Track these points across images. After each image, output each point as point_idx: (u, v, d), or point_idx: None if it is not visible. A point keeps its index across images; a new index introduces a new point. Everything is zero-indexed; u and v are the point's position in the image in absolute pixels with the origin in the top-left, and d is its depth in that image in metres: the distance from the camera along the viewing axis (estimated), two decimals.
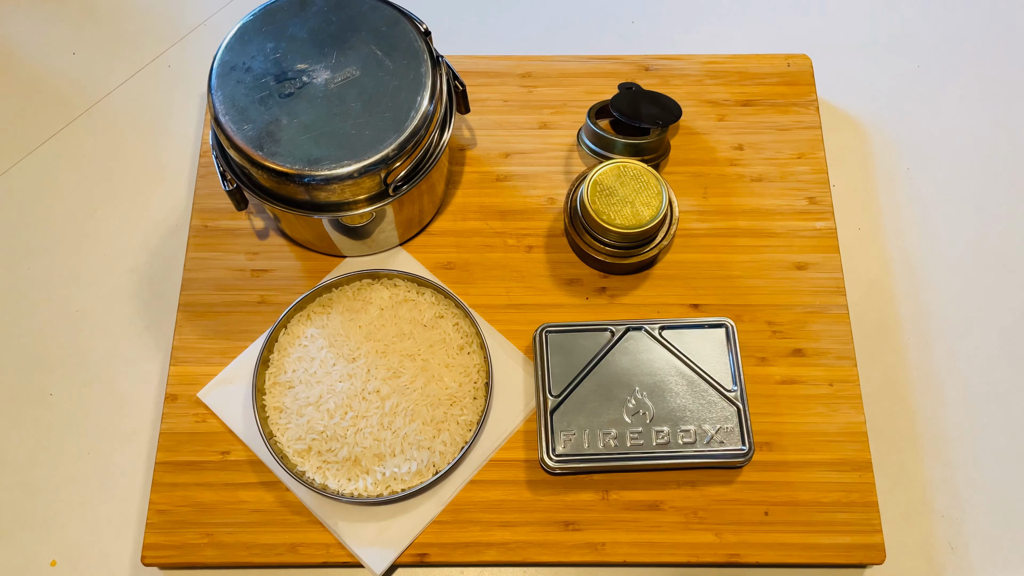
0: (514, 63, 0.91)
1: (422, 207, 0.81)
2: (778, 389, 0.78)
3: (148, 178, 0.90)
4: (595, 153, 0.84)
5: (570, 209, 0.81)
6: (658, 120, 0.83)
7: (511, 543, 0.74)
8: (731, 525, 0.74)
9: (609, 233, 0.76)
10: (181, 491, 0.75)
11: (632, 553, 0.73)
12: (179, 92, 0.94)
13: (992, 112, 0.93)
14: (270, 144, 0.69)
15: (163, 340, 0.83)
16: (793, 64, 0.91)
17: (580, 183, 0.80)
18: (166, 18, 0.98)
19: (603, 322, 0.78)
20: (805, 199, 0.85)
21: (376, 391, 0.73)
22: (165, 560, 0.73)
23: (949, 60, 0.96)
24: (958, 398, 0.81)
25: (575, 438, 0.74)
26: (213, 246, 0.84)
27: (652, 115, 0.83)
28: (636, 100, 0.84)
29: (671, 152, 0.87)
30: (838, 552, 0.73)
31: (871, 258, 0.87)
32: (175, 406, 0.78)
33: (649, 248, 0.79)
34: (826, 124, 0.91)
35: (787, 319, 0.81)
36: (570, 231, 0.80)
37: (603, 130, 0.83)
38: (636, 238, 0.77)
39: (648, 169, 0.77)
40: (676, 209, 0.80)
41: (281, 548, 0.73)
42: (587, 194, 0.77)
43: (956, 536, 0.77)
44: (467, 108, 0.79)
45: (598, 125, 0.84)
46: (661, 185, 0.77)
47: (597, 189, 0.77)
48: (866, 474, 0.75)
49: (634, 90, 0.86)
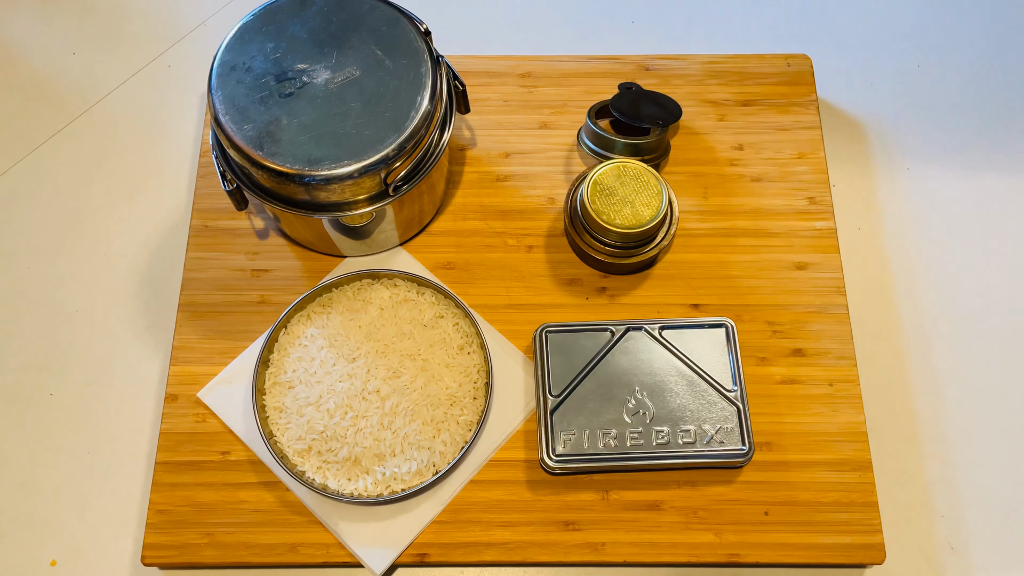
0: (514, 63, 0.91)
1: (422, 207, 0.81)
2: (778, 389, 0.78)
3: (148, 178, 0.90)
4: (595, 153, 0.84)
5: (570, 209, 0.81)
6: (658, 120, 0.83)
7: (511, 543, 0.74)
8: (731, 525, 0.74)
9: (609, 233, 0.76)
10: (181, 491, 0.75)
11: (632, 553, 0.73)
12: (179, 92, 0.94)
13: (992, 112, 0.93)
14: (270, 144, 0.69)
15: (163, 340, 0.83)
16: (793, 64, 0.91)
17: (580, 183, 0.80)
18: (166, 18, 0.98)
19: (603, 322, 0.78)
20: (805, 199, 0.85)
21: (376, 391, 0.73)
22: (165, 560, 0.73)
23: (949, 60, 0.96)
24: (958, 398, 0.81)
25: (575, 438, 0.74)
26: (213, 246, 0.84)
27: (652, 115, 0.83)
28: (636, 100, 0.84)
29: (671, 152, 0.87)
30: (838, 552, 0.73)
31: (871, 258, 0.87)
32: (175, 406, 0.78)
33: (649, 248, 0.79)
34: (826, 124, 0.91)
35: (787, 319, 0.81)
36: (570, 231, 0.80)
37: (603, 130, 0.84)
38: (636, 238, 0.77)
39: (648, 169, 0.77)
40: (676, 209, 0.80)
41: (281, 548, 0.73)
42: (587, 194, 0.77)
43: (956, 536, 0.77)
44: (467, 108, 0.79)
45: (598, 125, 0.84)
46: (661, 185, 0.77)
47: (597, 189, 0.77)
48: (866, 474, 0.75)
49: (634, 90, 0.86)
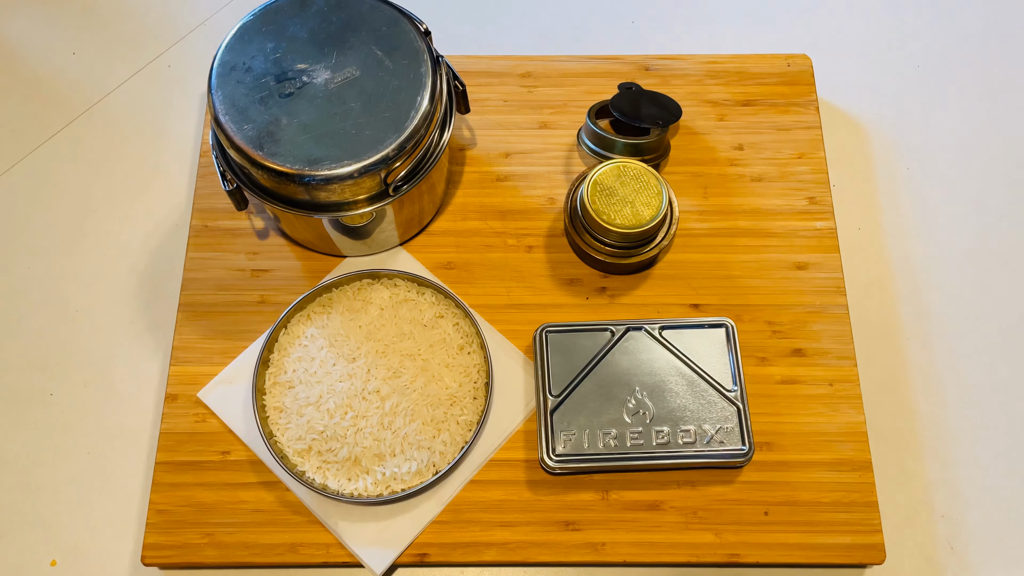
0: (514, 63, 0.91)
1: (422, 207, 0.81)
2: (778, 389, 0.78)
3: (148, 178, 0.90)
4: (595, 153, 0.84)
5: (570, 209, 0.81)
6: (658, 120, 0.83)
7: (511, 543, 0.74)
8: (731, 525, 0.74)
9: (609, 233, 0.76)
10: (181, 491, 0.75)
11: (632, 553, 0.73)
12: (179, 92, 0.94)
13: (992, 112, 0.93)
14: (270, 144, 0.69)
15: (163, 340, 0.83)
16: (793, 64, 0.91)
17: (580, 183, 0.80)
18: (166, 18, 0.98)
19: (603, 322, 0.78)
20: (805, 199, 0.85)
21: (376, 391, 0.73)
22: (165, 560, 0.73)
23: (949, 60, 0.96)
24: (958, 398, 0.81)
25: (575, 438, 0.74)
26: (213, 246, 0.84)
27: (652, 115, 0.83)
28: (636, 100, 0.84)
29: (671, 152, 0.87)
30: (838, 552, 0.73)
31: (871, 258, 0.87)
32: (175, 406, 0.78)
33: (649, 248, 0.79)
34: (826, 124, 0.91)
35: (787, 319, 0.81)
36: (570, 231, 0.80)
37: (603, 130, 0.84)
38: (636, 238, 0.77)
39: (648, 169, 0.77)
40: (676, 209, 0.80)
41: (281, 548, 0.73)
42: (587, 194, 0.77)
43: (956, 536, 0.77)
44: (467, 108, 0.79)
45: (598, 125, 0.84)
46: (661, 185, 0.77)
47: (597, 189, 0.77)
48: (866, 474, 0.75)
49: (634, 90, 0.86)
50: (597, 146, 0.84)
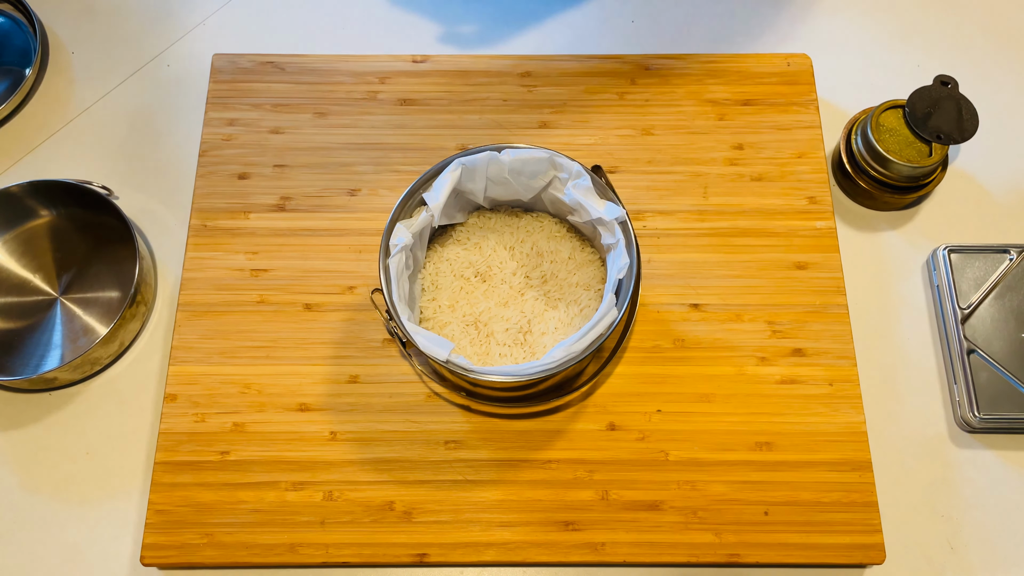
0: (514, 63, 0.91)
1: None
2: (778, 389, 0.78)
3: (148, 178, 0.90)
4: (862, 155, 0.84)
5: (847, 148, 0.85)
6: (939, 134, 0.80)
7: (511, 543, 0.74)
8: (731, 525, 0.74)
9: (896, 168, 0.80)
10: (180, 491, 0.75)
11: (632, 553, 0.73)
12: (179, 92, 0.94)
13: (992, 112, 0.93)
14: None
15: (163, 340, 0.83)
16: (793, 64, 0.91)
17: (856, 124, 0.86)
18: (165, 18, 0.98)
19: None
20: (805, 199, 0.85)
21: (520, 304, 0.76)
22: (165, 560, 0.73)
23: (949, 60, 0.96)
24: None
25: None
26: (212, 246, 0.83)
27: (938, 127, 0.80)
28: (936, 103, 0.80)
29: (674, 153, 0.86)
30: (838, 552, 0.73)
31: (871, 258, 0.86)
32: (175, 406, 0.78)
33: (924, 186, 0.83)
34: (826, 124, 0.91)
35: (787, 319, 0.81)
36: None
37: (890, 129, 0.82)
38: (918, 176, 0.81)
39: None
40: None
41: (280, 548, 0.73)
42: (873, 130, 0.82)
43: (956, 536, 0.77)
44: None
45: (881, 127, 0.82)
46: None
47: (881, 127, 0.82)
48: (866, 474, 0.75)
49: (949, 87, 0.81)
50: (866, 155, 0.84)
